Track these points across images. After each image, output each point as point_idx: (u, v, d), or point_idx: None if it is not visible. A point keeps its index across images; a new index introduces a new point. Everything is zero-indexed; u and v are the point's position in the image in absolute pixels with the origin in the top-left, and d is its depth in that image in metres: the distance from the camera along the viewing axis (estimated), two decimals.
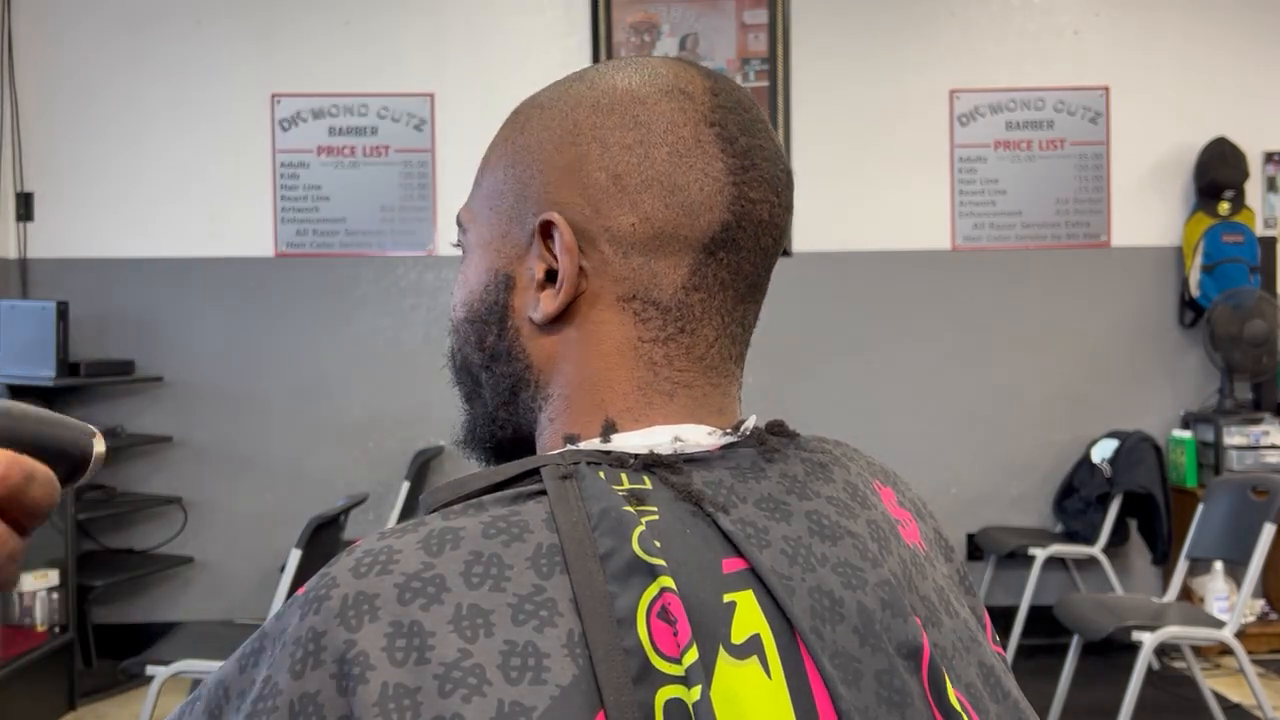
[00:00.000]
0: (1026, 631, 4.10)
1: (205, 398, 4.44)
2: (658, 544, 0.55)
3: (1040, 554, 4.10)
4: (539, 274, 0.64)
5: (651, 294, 0.63)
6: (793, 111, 4.53)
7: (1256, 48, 4.60)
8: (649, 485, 0.59)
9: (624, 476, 0.59)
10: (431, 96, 4.49)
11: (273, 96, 4.47)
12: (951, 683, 0.60)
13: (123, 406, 4.41)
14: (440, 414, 4.35)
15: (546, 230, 0.63)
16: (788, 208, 0.66)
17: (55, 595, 3.71)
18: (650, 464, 0.60)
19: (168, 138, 4.45)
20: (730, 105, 0.65)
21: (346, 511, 2.83)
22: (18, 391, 4.05)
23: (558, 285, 0.63)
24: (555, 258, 0.63)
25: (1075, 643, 3.30)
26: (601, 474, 0.59)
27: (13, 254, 4.42)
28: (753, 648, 0.55)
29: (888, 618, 0.59)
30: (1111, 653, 3.69)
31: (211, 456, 4.44)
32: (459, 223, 0.70)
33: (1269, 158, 4.62)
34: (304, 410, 4.47)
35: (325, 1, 4.50)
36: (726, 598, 0.56)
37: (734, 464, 0.62)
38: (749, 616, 0.56)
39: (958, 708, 0.59)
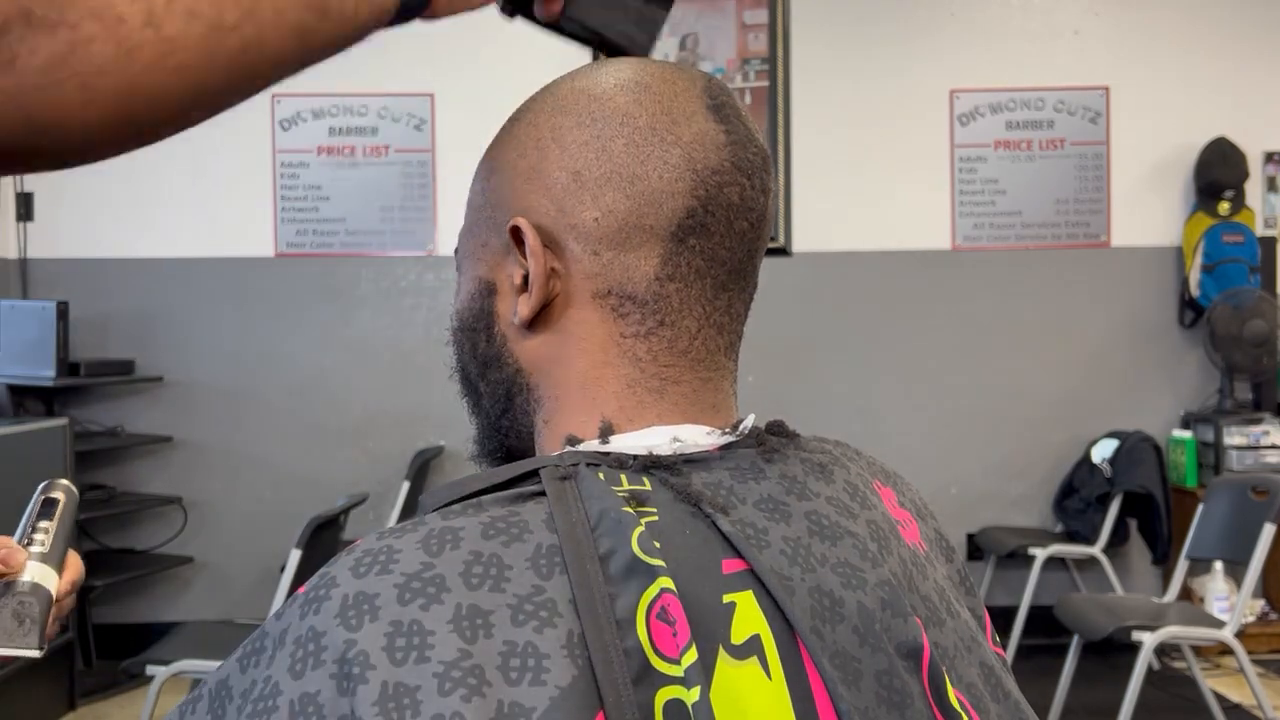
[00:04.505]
0: (1026, 631, 4.10)
1: (205, 398, 4.44)
2: (657, 545, 0.55)
3: (1040, 554, 4.10)
4: (516, 279, 0.65)
5: (626, 288, 0.63)
6: (792, 112, 4.52)
7: (1256, 48, 4.60)
8: (648, 486, 0.59)
9: (623, 478, 0.59)
10: (431, 96, 4.49)
11: (273, 96, 4.47)
12: (952, 683, 0.60)
13: (123, 406, 4.41)
14: (440, 414, 4.35)
15: (516, 235, 0.64)
16: (763, 190, 0.65)
17: None
18: (649, 465, 0.60)
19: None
20: None
21: (346, 511, 2.83)
22: (18, 391, 4.05)
23: (530, 288, 0.64)
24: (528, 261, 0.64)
25: (1075, 643, 3.29)
26: (601, 475, 0.59)
27: (13, 254, 4.41)
28: (752, 648, 0.55)
29: (888, 618, 0.59)
30: (1111, 653, 3.69)
31: (211, 456, 4.44)
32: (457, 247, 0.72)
33: (1269, 158, 4.62)
34: (304, 410, 4.47)
35: None
36: (726, 598, 0.56)
37: (733, 465, 0.62)
38: (749, 617, 0.56)
39: (958, 708, 0.59)
